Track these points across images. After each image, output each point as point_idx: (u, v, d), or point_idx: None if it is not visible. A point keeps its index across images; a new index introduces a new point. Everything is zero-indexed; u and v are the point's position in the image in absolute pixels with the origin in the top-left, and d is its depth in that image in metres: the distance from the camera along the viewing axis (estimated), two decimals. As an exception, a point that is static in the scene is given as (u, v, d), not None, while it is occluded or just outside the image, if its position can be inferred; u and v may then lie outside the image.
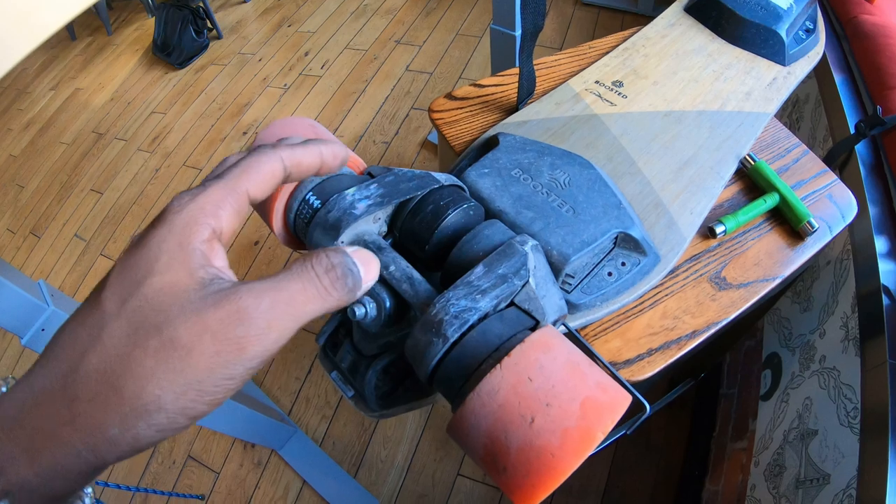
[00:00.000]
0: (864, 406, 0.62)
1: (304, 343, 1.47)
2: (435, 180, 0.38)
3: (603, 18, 2.10)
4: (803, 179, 0.60)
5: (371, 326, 0.35)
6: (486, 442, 0.27)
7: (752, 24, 0.67)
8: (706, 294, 0.50)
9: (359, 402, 0.40)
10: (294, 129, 0.40)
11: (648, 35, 0.71)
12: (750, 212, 0.55)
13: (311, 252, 0.25)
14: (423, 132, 1.87)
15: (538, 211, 0.43)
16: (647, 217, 0.51)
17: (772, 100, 0.64)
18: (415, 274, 0.34)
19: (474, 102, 0.67)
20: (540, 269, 0.33)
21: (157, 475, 1.35)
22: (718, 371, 1.15)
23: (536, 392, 0.26)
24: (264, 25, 2.55)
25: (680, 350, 0.46)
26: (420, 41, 2.20)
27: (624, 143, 0.57)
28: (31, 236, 2.01)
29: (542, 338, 0.28)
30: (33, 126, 2.45)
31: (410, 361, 0.32)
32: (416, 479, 1.23)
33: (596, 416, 0.26)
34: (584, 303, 0.44)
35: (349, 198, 0.36)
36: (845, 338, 0.73)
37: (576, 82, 0.64)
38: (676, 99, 0.62)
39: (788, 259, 0.53)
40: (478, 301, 0.30)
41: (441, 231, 0.37)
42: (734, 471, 0.97)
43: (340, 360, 0.40)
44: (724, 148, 0.58)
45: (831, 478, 0.66)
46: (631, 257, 0.46)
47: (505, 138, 0.50)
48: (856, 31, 0.93)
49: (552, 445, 0.25)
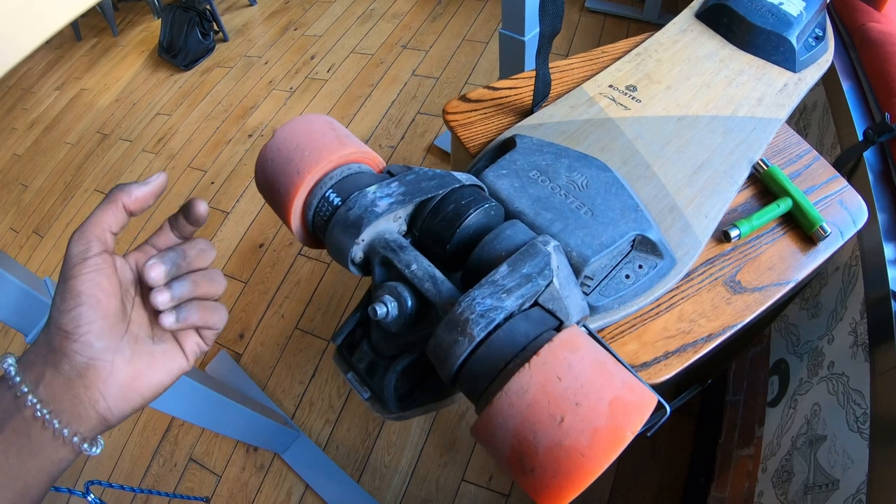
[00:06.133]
0: (874, 411, 0.62)
1: (309, 347, 1.47)
2: (456, 180, 0.38)
3: (609, 25, 2.11)
4: (815, 185, 0.60)
5: (392, 326, 0.35)
6: (514, 442, 0.27)
7: (762, 31, 0.68)
8: (721, 297, 0.50)
9: (375, 404, 0.39)
10: (311, 126, 0.40)
11: (661, 40, 0.71)
12: (764, 216, 0.55)
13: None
14: (429, 136, 1.88)
15: (557, 212, 0.43)
16: (663, 220, 0.51)
17: (783, 105, 0.64)
18: (437, 273, 0.34)
19: (488, 105, 0.67)
20: (562, 270, 0.33)
21: (158, 477, 1.35)
22: (724, 378, 1.15)
23: (566, 391, 0.26)
24: (270, 28, 2.56)
25: (696, 353, 0.46)
26: (426, 46, 2.21)
27: (638, 147, 0.57)
28: (35, 235, 2.01)
29: (570, 337, 0.28)
30: (38, 125, 2.45)
31: (433, 361, 0.32)
32: (420, 485, 1.23)
33: (625, 415, 0.26)
34: (602, 305, 0.44)
35: (370, 195, 0.36)
36: (854, 343, 0.72)
37: (590, 86, 0.65)
38: (689, 104, 0.62)
39: (801, 263, 0.54)
40: (503, 300, 0.30)
41: (462, 230, 0.37)
42: (740, 478, 0.96)
43: (358, 361, 0.40)
44: (738, 152, 0.58)
45: (840, 483, 0.66)
46: (648, 260, 0.46)
47: (522, 140, 0.50)
48: (863, 38, 0.94)
49: (582, 445, 0.25)
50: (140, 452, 1.39)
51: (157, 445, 1.39)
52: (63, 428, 0.28)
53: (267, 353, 1.48)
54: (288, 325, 1.52)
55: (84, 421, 0.29)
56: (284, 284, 1.60)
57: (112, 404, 0.29)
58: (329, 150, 0.38)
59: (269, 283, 1.62)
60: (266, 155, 0.39)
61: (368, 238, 0.36)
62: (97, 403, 0.29)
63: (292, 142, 0.38)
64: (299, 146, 0.38)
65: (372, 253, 0.36)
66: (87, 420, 0.29)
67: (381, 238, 0.36)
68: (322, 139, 0.38)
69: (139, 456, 1.39)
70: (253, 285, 1.62)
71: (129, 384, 0.30)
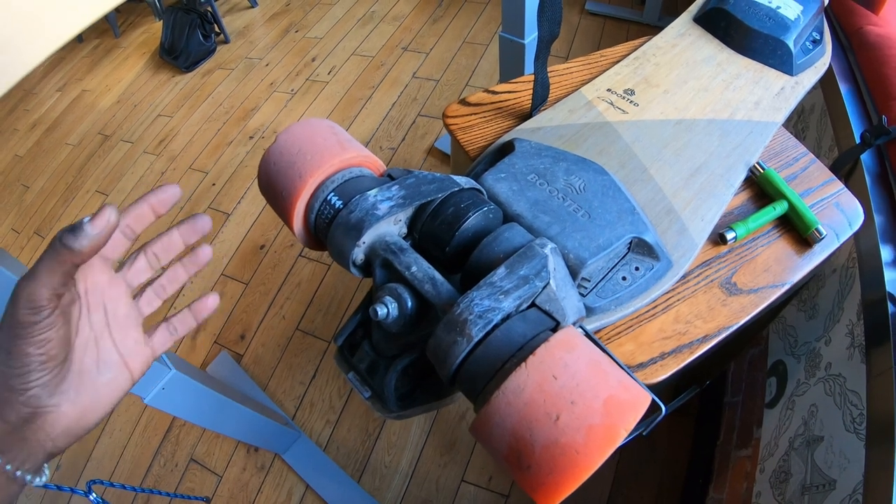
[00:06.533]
0: (870, 412, 0.62)
1: (309, 348, 1.47)
2: (455, 183, 0.39)
3: (609, 28, 2.11)
4: (811, 187, 0.61)
5: (392, 326, 0.35)
6: (511, 440, 0.28)
7: (760, 35, 0.68)
8: (717, 299, 0.51)
9: (375, 403, 0.40)
10: (313, 130, 0.41)
11: (659, 44, 0.72)
12: (760, 219, 0.55)
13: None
14: (429, 139, 1.89)
15: (554, 215, 0.44)
16: (660, 223, 0.51)
17: (780, 109, 0.65)
18: (437, 275, 0.35)
19: (488, 108, 0.68)
20: (559, 272, 0.34)
21: (159, 477, 1.35)
22: (723, 379, 1.16)
23: (561, 390, 0.27)
24: (272, 30, 2.57)
25: (692, 354, 0.47)
26: (427, 48, 2.22)
27: (636, 151, 0.57)
28: (36, 236, 2.01)
29: (566, 337, 0.29)
30: (39, 126, 2.46)
31: (433, 361, 0.32)
32: (420, 485, 1.23)
33: (619, 413, 0.27)
34: (598, 306, 0.44)
35: (371, 199, 0.37)
36: (851, 345, 0.73)
37: (588, 90, 0.65)
38: (687, 107, 0.63)
39: (797, 265, 0.54)
40: (501, 301, 0.30)
41: (461, 233, 0.37)
42: (738, 479, 0.97)
43: (359, 361, 0.41)
44: (734, 156, 0.59)
45: (837, 483, 0.67)
46: (644, 262, 0.47)
47: (521, 144, 0.51)
48: (861, 41, 0.94)
49: (577, 443, 0.26)
50: (141, 452, 1.40)
51: (159, 445, 1.40)
52: (13, 469, 0.27)
53: (268, 354, 1.49)
54: (289, 326, 1.53)
55: (31, 459, 0.28)
56: (285, 285, 1.61)
57: (59, 443, 0.30)
58: (331, 154, 0.38)
59: (270, 285, 1.62)
60: (269, 158, 0.40)
61: (369, 240, 0.37)
62: (45, 445, 0.29)
63: (295, 146, 0.39)
64: (301, 150, 0.39)
65: (373, 255, 0.37)
66: (34, 458, 0.28)
67: (381, 240, 0.37)
68: (324, 143, 0.39)
69: (140, 456, 1.39)
70: (254, 286, 1.63)
71: (75, 423, 0.30)
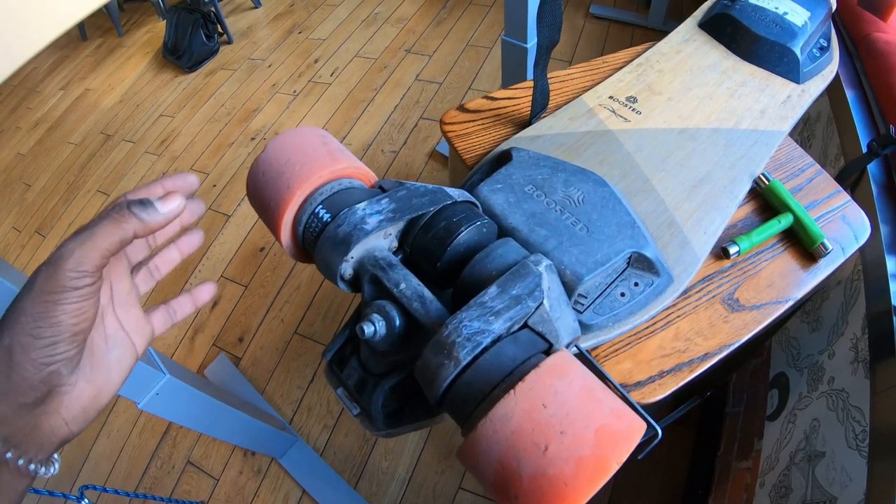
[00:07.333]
0: (874, 429, 0.61)
1: (308, 352, 1.46)
2: (448, 196, 0.38)
3: (613, 31, 2.10)
4: (817, 200, 0.59)
5: (380, 345, 0.34)
6: (498, 468, 0.26)
7: (766, 42, 0.67)
8: (719, 316, 0.49)
9: (364, 420, 0.39)
10: (303, 139, 0.40)
11: (663, 51, 0.70)
12: (764, 232, 0.54)
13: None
14: (431, 142, 1.87)
15: (551, 229, 0.43)
16: (661, 236, 0.50)
17: (786, 118, 0.63)
18: (426, 292, 0.34)
19: (486, 115, 0.67)
20: (554, 290, 0.33)
21: (155, 479, 1.34)
22: (724, 389, 1.14)
23: (551, 419, 0.26)
24: (275, 31, 2.56)
25: (692, 373, 0.45)
26: (430, 51, 2.21)
27: (638, 160, 0.56)
28: (37, 235, 2.01)
29: (558, 362, 0.28)
30: (42, 125, 2.46)
31: (420, 382, 0.31)
32: (417, 492, 1.22)
33: (611, 444, 0.25)
34: (596, 323, 0.43)
35: (360, 212, 0.36)
36: (855, 359, 0.72)
37: (590, 97, 0.64)
38: (691, 116, 0.62)
39: (801, 281, 0.53)
40: (491, 323, 0.29)
41: (453, 248, 0.36)
42: (738, 490, 0.95)
43: (347, 377, 0.40)
44: (739, 166, 0.57)
45: (838, 501, 0.65)
46: (644, 277, 0.45)
47: (518, 153, 0.50)
48: (869, 49, 0.93)
49: (566, 475, 0.25)
50: (138, 454, 1.39)
51: (156, 447, 1.39)
52: (26, 463, 0.26)
53: (266, 358, 1.48)
54: (287, 330, 1.52)
55: (44, 449, 0.27)
56: (284, 289, 1.60)
57: (74, 426, 0.28)
58: (320, 165, 0.37)
59: (269, 287, 1.62)
60: (257, 168, 0.39)
61: (357, 255, 0.36)
62: (59, 430, 0.27)
63: (283, 155, 0.38)
64: (290, 160, 0.38)
65: (361, 270, 0.36)
66: (46, 448, 0.27)
67: (370, 256, 0.36)
68: (313, 153, 0.38)
69: (137, 458, 1.39)
70: (253, 289, 1.62)
71: (91, 403, 0.29)
